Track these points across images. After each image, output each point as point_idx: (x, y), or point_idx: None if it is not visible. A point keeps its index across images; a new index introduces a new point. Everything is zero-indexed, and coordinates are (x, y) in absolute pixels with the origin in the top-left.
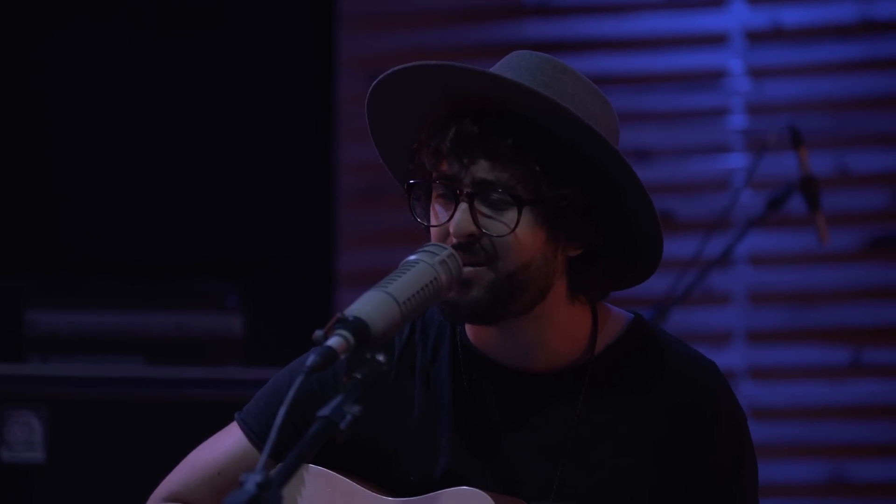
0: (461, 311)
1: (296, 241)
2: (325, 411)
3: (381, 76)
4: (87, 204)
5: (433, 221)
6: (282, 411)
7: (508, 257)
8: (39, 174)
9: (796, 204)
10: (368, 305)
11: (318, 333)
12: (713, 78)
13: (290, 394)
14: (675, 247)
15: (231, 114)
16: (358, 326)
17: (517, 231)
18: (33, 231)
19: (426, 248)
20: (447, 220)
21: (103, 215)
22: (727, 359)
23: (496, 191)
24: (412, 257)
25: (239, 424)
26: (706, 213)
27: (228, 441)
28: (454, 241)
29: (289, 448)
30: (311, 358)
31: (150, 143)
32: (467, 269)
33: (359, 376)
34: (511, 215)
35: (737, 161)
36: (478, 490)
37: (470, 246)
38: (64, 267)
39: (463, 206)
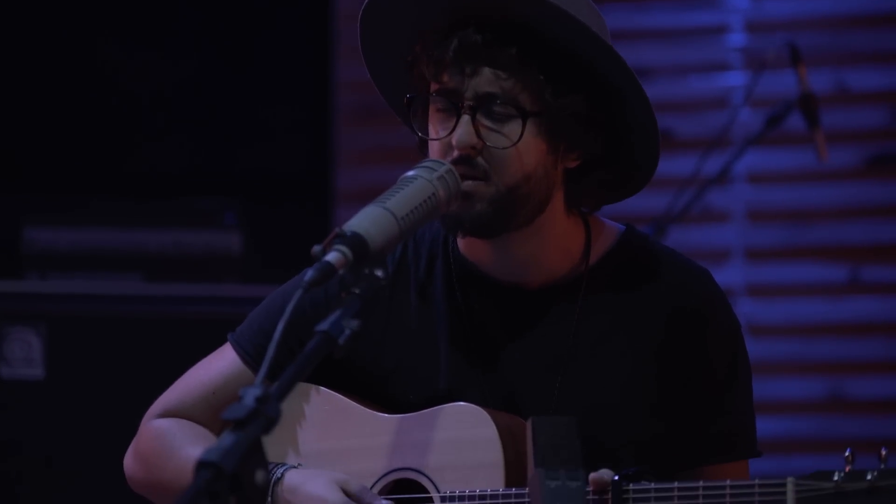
0: (464, 224)
1: (294, 159)
2: (323, 326)
3: None
4: (86, 122)
5: (433, 135)
6: (280, 326)
7: (510, 170)
8: (38, 93)
9: (795, 121)
10: (367, 221)
11: (316, 249)
12: None
13: (289, 308)
14: (674, 165)
15: (229, 32)
16: (356, 242)
17: (519, 143)
18: (32, 149)
19: (424, 164)
20: (448, 133)
21: (102, 133)
22: (726, 276)
23: (499, 103)
24: (410, 173)
25: (232, 346)
26: (705, 130)
27: (222, 362)
28: (456, 154)
29: (282, 367)
30: (309, 273)
31: (148, 61)
32: (469, 183)
33: (357, 291)
34: (513, 127)
35: (736, 79)
36: (473, 405)
37: (471, 159)
38: (63, 184)
39: (465, 118)
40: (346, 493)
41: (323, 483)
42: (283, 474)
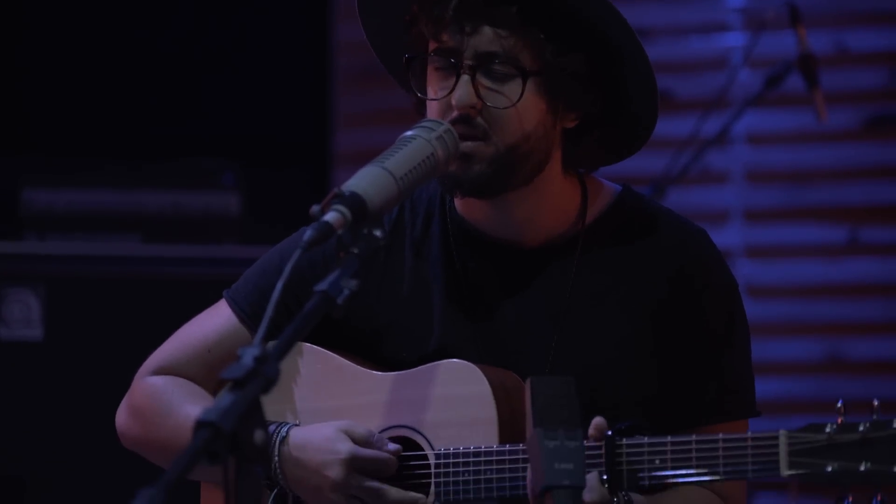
0: (464, 185)
1: (293, 120)
2: (322, 286)
3: None
4: (85, 83)
5: (432, 95)
6: (279, 286)
7: (510, 129)
8: (37, 55)
9: (794, 82)
10: (365, 181)
11: (314, 209)
12: None
13: (288, 268)
14: (673, 126)
15: None
16: (355, 202)
17: (519, 103)
18: (31, 110)
19: (423, 124)
20: (447, 93)
21: (101, 94)
22: (724, 238)
23: (499, 62)
24: (409, 133)
25: (228, 303)
26: (704, 91)
27: (218, 319)
28: (455, 114)
29: (280, 327)
30: (307, 233)
31: (147, 23)
32: (468, 144)
33: (355, 251)
34: (513, 86)
35: (735, 39)
36: (467, 362)
37: (471, 119)
38: (61, 146)
39: (465, 78)
40: (353, 438)
41: (330, 433)
42: (287, 433)
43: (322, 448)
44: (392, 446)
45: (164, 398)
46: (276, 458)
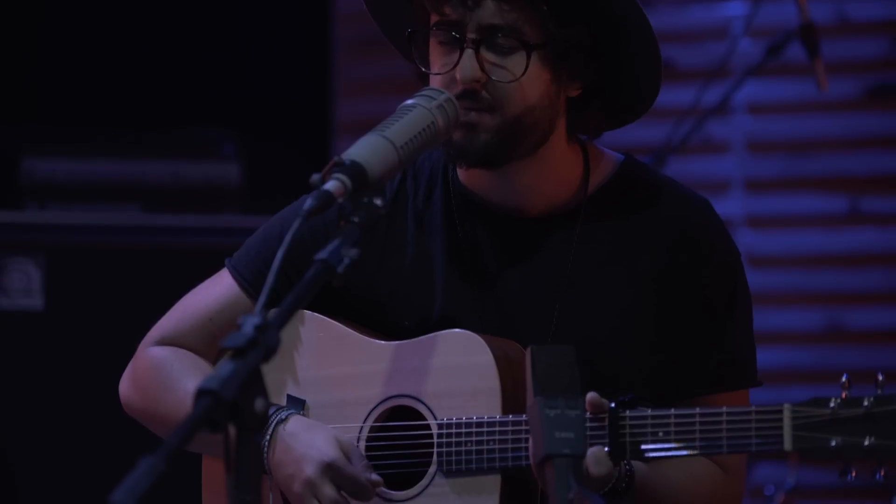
0: (469, 155)
1: (293, 89)
2: (322, 255)
3: None
4: (84, 52)
5: (435, 69)
6: (280, 254)
7: (514, 101)
8: (37, 23)
9: (795, 52)
10: (365, 149)
11: (315, 177)
12: None
13: (288, 237)
14: (674, 95)
15: None
16: (355, 170)
17: (523, 76)
18: (31, 80)
19: (423, 93)
20: (451, 67)
21: (100, 64)
22: (725, 207)
23: (503, 35)
24: (409, 101)
25: (229, 271)
26: (705, 61)
27: (219, 288)
28: (460, 88)
29: (281, 295)
30: (308, 201)
31: None
32: (473, 114)
33: (356, 220)
34: (517, 59)
35: (736, 9)
36: (470, 332)
37: (476, 93)
38: (60, 116)
39: (469, 52)
40: (344, 452)
41: (324, 435)
42: (287, 417)
43: (310, 444)
44: (374, 477)
45: (164, 372)
46: (268, 437)
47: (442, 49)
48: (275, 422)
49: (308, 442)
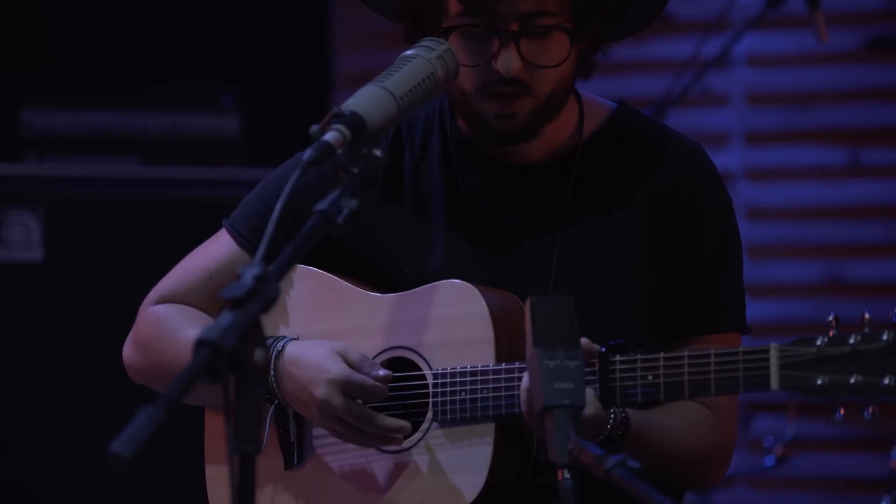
0: (513, 138)
1: (292, 42)
2: (321, 206)
3: None
4: (84, 4)
5: (468, 61)
6: (279, 205)
7: (552, 80)
8: None
9: (795, 3)
10: (365, 100)
11: (314, 128)
12: None
13: (287, 187)
14: (674, 47)
15: None
16: (354, 121)
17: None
18: (29, 32)
19: (423, 44)
20: (488, 58)
21: (100, 16)
22: (725, 160)
23: (543, 22)
24: (409, 52)
25: (227, 230)
26: (704, 13)
27: (218, 247)
28: (497, 77)
29: (279, 249)
30: (307, 152)
31: None
32: (514, 103)
33: (355, 171)
34: (557, 42)
35: None
36: (464, 282)
37: (516, 79)
38: (60, 68)
39: (511, 45)
40: (347, 361)
41: (323, 352)
42: (283, 347)
43: (313, 366)
44: (383, 372)
45: (165, 325)
46: (273, 372)
47: (474, 36)
48: (273, 357)
49: (309, 365)
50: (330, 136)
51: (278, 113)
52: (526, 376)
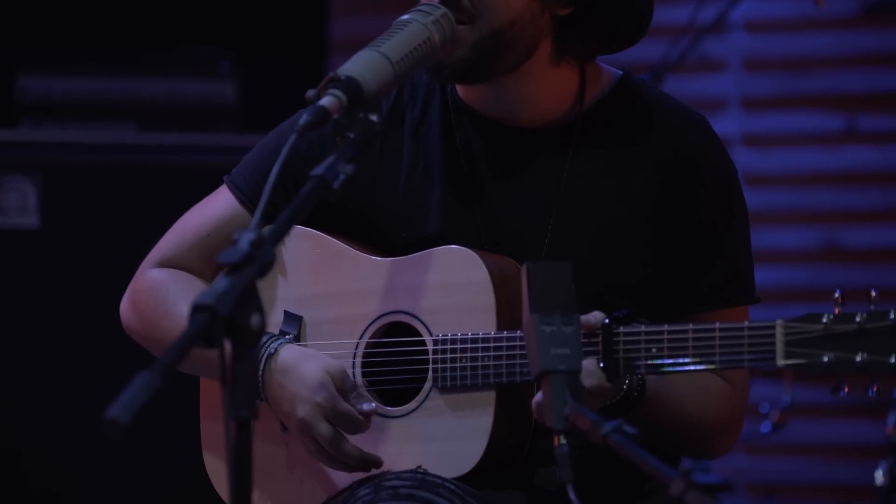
0: (444, 70)
1: (289, 7)
2: (318, 170)
3: None
4: None
5: None
6: (275, 169)
7: (494, 14)
8: None
9: None
10: (361, 65)
11: (310, 93)
12: None
13: (284, 151)
14: (670, 13)
15: None
16: (351, 86)
17: None
18: None
19: (419, 8)
20: None
21: None
22: (722, 126)
23: None
24: (405, 17)
25: (228, 186)
26: None
27: (218, 204)
28: None
29: (279, 209)
30: (303, 117)
31: None
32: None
33: (352, 136)
34: None
35: None
36: (465, 248)
37: (456, 3)
38: (56, 34)
39: None
40: (337, 387)
41: (315, 371)
42: (276, 350)
43: (303, 382)
44: (367, 406)
45: (160, 296)
46: (262, 371)
47: None
48: (265, 356)
49: (299, 380)
50: (326, 100)
51: (275, 79)
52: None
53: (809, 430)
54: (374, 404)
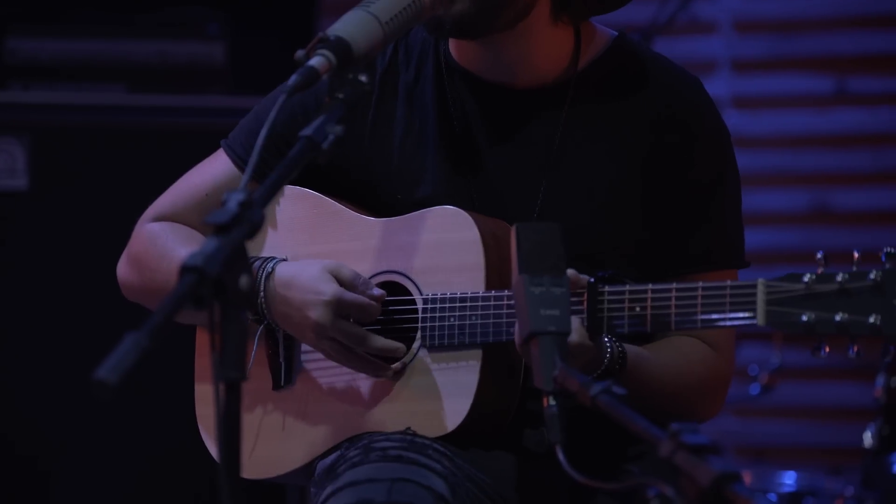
0: (444, 25)
1: None
2: (307, 131)
3: None
4: None
5: None
6: (263, 132)
7: None
8: None
9: None
10: (350, 25)
11: (300, 54)
12: None
13: (272, 114)
14: None
15: None
16: (340, 46)
17: None
18: None
19: None
20: None
21: None
22: (712, 88)
23: None
24: None
25: (224, 150)
26: None
27: (216, 166)
28: None
29: (273, 170)
30: (292, 78)
31: None
32: None
33: (341, 96)
34: None
35: None
36: (457, 208)
37: None
38: None
39: None
40: (340, 280)
41: (316, 273)
42: (273, 268)
43: (306, 287)
44: (377, 291)
45: (159, 242)
46: (262, 294)
47: None
48: (262, 278)
49: (302, 286)
50: (315, 61)
51: (264, 40)
52: None
53: (798, 392)
54: (381, 291)
